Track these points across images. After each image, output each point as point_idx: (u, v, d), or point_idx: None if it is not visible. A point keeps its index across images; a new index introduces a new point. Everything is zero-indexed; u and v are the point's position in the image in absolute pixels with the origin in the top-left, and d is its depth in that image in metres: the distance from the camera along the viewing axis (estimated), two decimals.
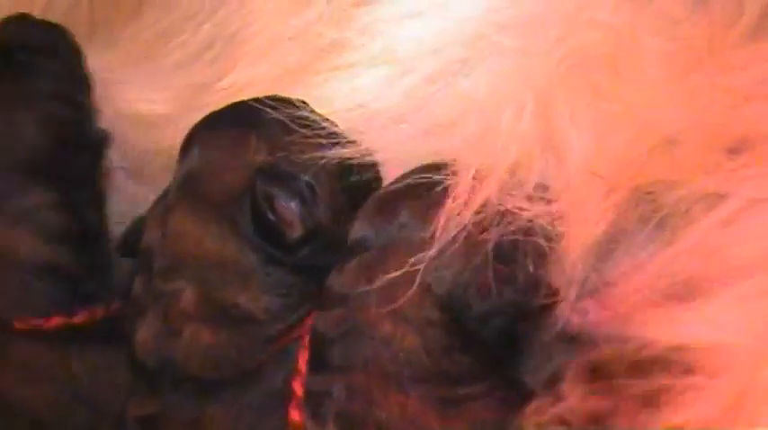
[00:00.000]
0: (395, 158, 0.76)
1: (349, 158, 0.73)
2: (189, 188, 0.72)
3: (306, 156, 0.71)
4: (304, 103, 0.76)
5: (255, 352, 0.69)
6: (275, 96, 0.77)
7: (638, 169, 0.68)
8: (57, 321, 0.76)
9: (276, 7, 0.83)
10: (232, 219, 0.70)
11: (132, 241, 0.74)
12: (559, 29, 0.71)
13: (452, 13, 0.75)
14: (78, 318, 0.77)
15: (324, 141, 0.72)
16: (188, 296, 0.69)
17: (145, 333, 0.70)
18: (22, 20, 0.88)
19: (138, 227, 0.75)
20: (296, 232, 0.69)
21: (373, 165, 0.74)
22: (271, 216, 0.68)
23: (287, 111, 0.73)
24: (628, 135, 0.69)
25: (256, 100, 0.76)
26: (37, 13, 0.94)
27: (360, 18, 0.78)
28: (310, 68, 0.80)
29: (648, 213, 0.68)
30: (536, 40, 0.72)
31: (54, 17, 0.95)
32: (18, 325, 0.76)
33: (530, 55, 0.72)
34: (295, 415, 0.66)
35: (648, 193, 0.68)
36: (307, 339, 0.68)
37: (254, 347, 0.69)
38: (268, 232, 0.69)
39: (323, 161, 0.71)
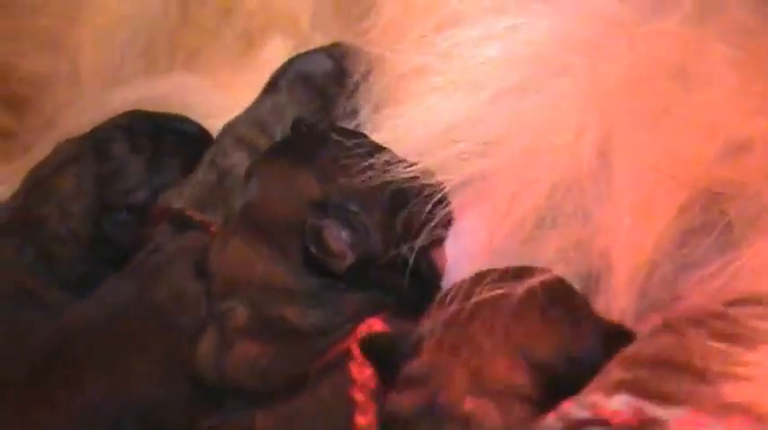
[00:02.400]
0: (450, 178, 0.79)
1: (407, 181, 0.77)
2: (246, 217, 0.77)
3: (357, 185, 0.75)
4: (365, 136, 0.81)
5: (302, 364, 0.72)
6: (332, 126, 0.83)
7: (706, 170, 0.71)
8: None
9: None
10: (284, 247, 0.75)
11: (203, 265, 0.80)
12: (627, 41, 0.73)
13: (524, 35, 0.78)
14: None
15: (380, 165, 0.76)
16: (240, 313, 0.74)
17: (204, 348, 0.75)
18: None
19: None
20: (347, 260, 0.73)
21: (425, 187, 0.78)
22: (316, 251, 0.73)
23: (342, 139, 0.78)
24: (696, 138, 0.71)
25: (313, 131, 0.81)
26: (122, 39, 1.00)
27: (439, 42, 0.82)
28: (394, 94, 0.84)
29: (715, 216, 0.70)
30: (604, 55, 0.74)
31: (137, 43, 1.00)
32: None
33: (598, 70, 0.74)
34: (362, 420, 0.70)
35: (718, 194, 0.70)
36: (355, 349, 0.72)
37: (301, 359, 0.73)
38: (319, 264, 0.74)
39: (373, 187, 0.76)
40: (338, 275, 0.73)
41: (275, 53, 1.00)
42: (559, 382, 0.67)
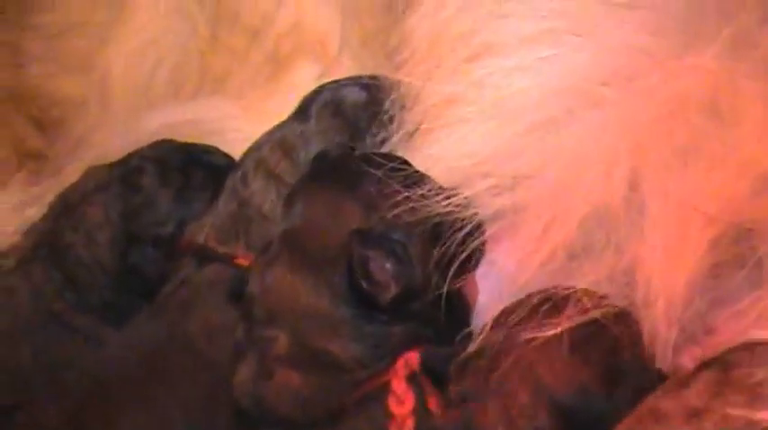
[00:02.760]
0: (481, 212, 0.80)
1: (444, 214, 0.78)
2: (289, 243, 0.78)
3: (400, 214, 0.76)
4: (405, 161, 0.82)
5: (342, 395, 0.73)
6: (375, 152, 0.83)
7: (737, 206, 0.72)
8: None
9: None
10: (328, 276, 0.75)
11: (238, 290, 0.80)
12: (660, 75, 0.74)
13: (558, 67, 0.79)
14: None
15: (418, 198, 0.77)
16: (282, 342, 0.75)
17: (243, 375, 0.76)
18: None
19: (243, 277, 0.80)
20: (391, 291, 0.74)
21: (460, 220, 0.79)
22: (364, 283, 0.74)
23: (385, 167, 0.79)
24: (727, 174, 0.72)
25: (355, 157, 0.82)
26: (151, 61, 1.01)
27: (472, 72, 0.82)
28: (425, 124, 0.85)
29: (746, 251, 0.71)
30: (637, 89, 0.75)
31: (166, 65, 1.01)
32: None
33: (630, 103, 0.75)
34: None
35: (749, 230, 0.71)
36: (395, 384, 0.73)
37: (340, 391, 0.73)
38: (364, 295, 0.74)
39: (416, 218, 0.76)
40: (381, 307, 0.74)
41: (304, 77, 1.01)
42: (581, 422, 0.68)
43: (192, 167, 0.94)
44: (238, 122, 1.00)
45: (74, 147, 1.03)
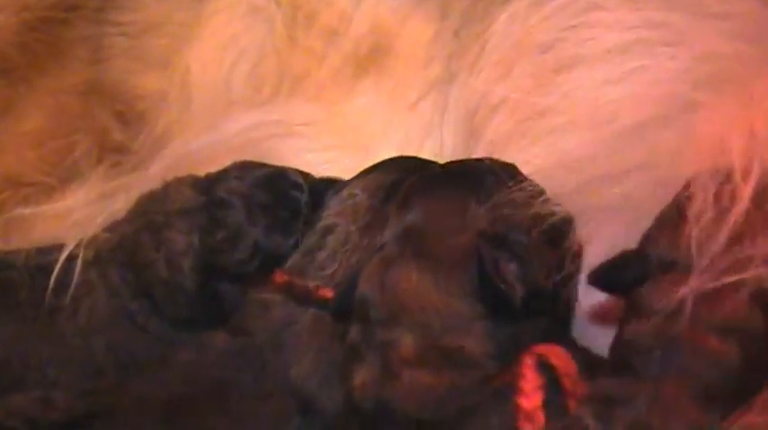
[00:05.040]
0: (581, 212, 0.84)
1: (554, 216, 0.81)
2: (411, 245, 0.80)
3: (519, 217, 0.80)
4: (512, 166, 0.86)
5: (472, 392, 0.76)
6: (488, 158, 0.88)
7: None
8: None
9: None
10: (458, 275, 0.78)
11: (347, 295, 0.82)
12: (754, 81, 0.77)
13: (648, 76, 0.82)
14: None
15: (533, 202, 0.81)
16: (407, 343, 0.77)
17: (363, 378, 0.78)
18: None
19: (351, 281, 0.83)
20: (518, 292, 0.77)
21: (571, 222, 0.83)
22: (501, 285, 0.77)
23: (500, 171, 0.83)
24: None
25: (471, 161, 0.87)
26: (230, 60, 1.04)
27: (561, 85, 0.85)
28: (516, 133, 0.88)
29: None
30: (730, 92, 0.78)
31: (245, 64, 1.04)
32: None
33: (724, 105, 0.78)
34: None
35: None
36: (526, 377, 0.75)
37: (475, 389, 0.76)
38: (496, 295, 0.77)
39: (531, 220, 0.80)
40: (513, 306, 0.77)
41: (382, 80, 1.03)
42: None
43: (278, 206, 0.97)
44: (317, 127, 1.02)
45: (156, 141, 1.06)
